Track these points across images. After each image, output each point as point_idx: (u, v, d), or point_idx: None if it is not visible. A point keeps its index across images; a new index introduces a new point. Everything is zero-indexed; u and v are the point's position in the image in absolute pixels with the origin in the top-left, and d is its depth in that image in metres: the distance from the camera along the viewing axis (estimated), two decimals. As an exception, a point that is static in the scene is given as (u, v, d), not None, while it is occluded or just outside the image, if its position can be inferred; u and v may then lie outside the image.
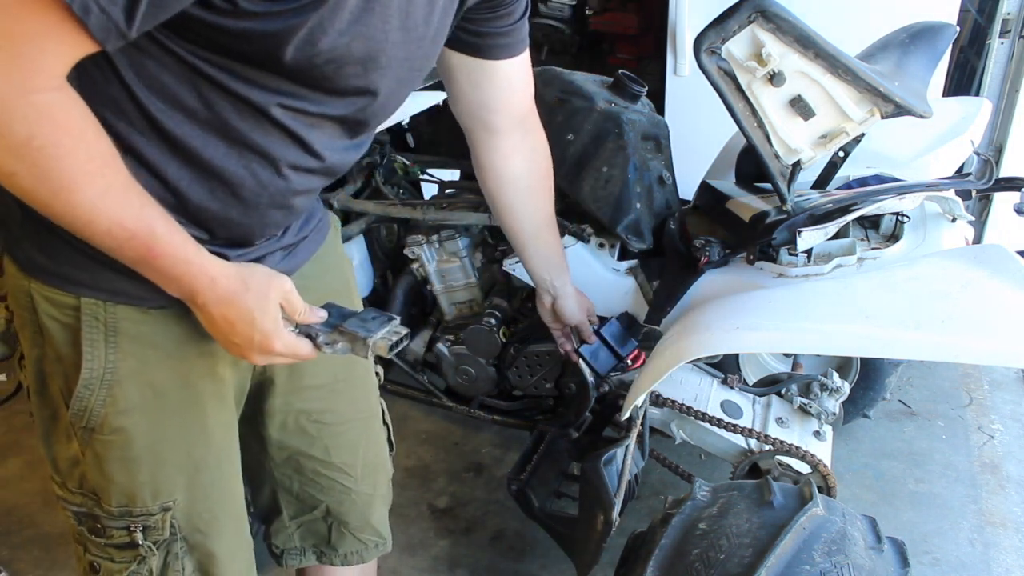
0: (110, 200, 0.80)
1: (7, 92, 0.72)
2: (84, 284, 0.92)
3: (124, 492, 1.01)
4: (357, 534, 1.34)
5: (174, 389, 1.00)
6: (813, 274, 1.54)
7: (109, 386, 0.96)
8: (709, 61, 1.36)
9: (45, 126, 0.74)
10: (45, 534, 2.17)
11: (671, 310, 1.67)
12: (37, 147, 0.74)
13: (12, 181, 0.77)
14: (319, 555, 1.35)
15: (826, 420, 1.79)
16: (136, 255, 0.84)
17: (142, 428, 0.99)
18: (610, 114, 1.67)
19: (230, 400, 1.10)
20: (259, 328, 0.91)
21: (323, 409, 1.23)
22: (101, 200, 0.79)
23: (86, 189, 0.78)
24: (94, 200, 0.79)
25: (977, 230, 2.64)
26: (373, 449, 1.34)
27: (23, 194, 0.78)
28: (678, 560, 1.25)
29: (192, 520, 1.06)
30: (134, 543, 1.03)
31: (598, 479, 1.51)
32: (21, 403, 2.71)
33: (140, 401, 0.98)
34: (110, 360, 0.95)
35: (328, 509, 1.31)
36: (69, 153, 0.76)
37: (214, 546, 1.09)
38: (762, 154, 1.43)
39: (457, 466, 2.36)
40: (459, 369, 1.99)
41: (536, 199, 1.43)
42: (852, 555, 1.18)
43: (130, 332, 0.95)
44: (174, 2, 0.74)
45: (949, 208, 1.68)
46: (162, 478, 1.03)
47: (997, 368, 2.67)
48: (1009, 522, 2.10)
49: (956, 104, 1.93)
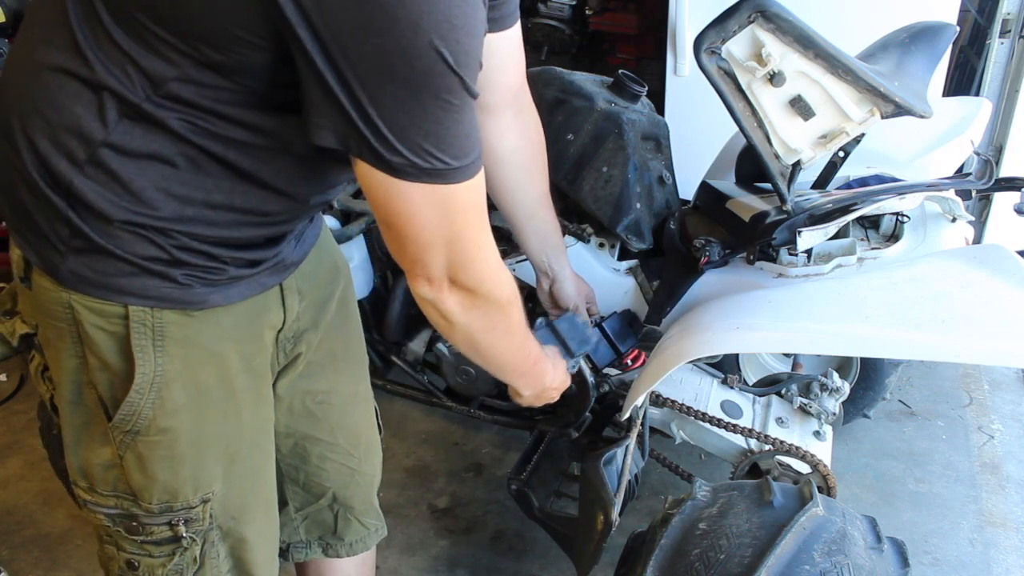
0: (524, 354, 1.17)
1: (499, 264, 0.98)
2: (132, 293, 0.94)
3: (167, 489, 1.03)
4: (362, 519, 1.37)
5: (215, 385, 1.02)
6: (813, 274, 1.54)
7: (158, 389, 0.97)
8: (709, 61, 1.36)
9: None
10: (45, 534, 2.17)
11: (671, 310, 1.67)
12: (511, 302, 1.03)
13: (492, 336, 1.05)
14: (324, 547, 1.38)
15: (826, 420, 1.79)
16: (534, 370, 1.21)
17: (187, 426, 1.01)
18: (610, 114, 1.67)
19: (266, 393, 1.13)
20: (557, 383, 1.31)
21: (327, 389, 1.25)
22: (520, 355, 1.16)
23: (515, 357, 1.16)
24: (517, 357, 1.16)
25: (977, 230, 2.64)
26: (371, 430, 1.38)
27: (494, 346, 1.09)
28: (678, 560, 1.25)
29: (227, 508, 1.09)
30: (176, 536, 1.05)
31: (598, 479, 1.52)
32: (21, 403, 2.72)
33: (185, 400, 1.00)
34: (159, 363, 0.97)
35: (335, 496, 1.33)
36: (513, 346, 1.12)
37: (245, 531, 1.11)
38: (762, 154, 1.43)
39: (457, 466, 2.36)
40: (459, 369, 1.99)
41: (531, 176, 1.41)
42: (852, 555, 1.18)
43: (176, 335, 0.97)
44: None
45: (949, 208, 1.68)
46: (202, 472, 1.04)
47: (997, 368, 2.67)
48: (1009, 522, 2.10)
49: (956, 104, 1.93)
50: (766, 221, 1.51)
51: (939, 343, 1.22)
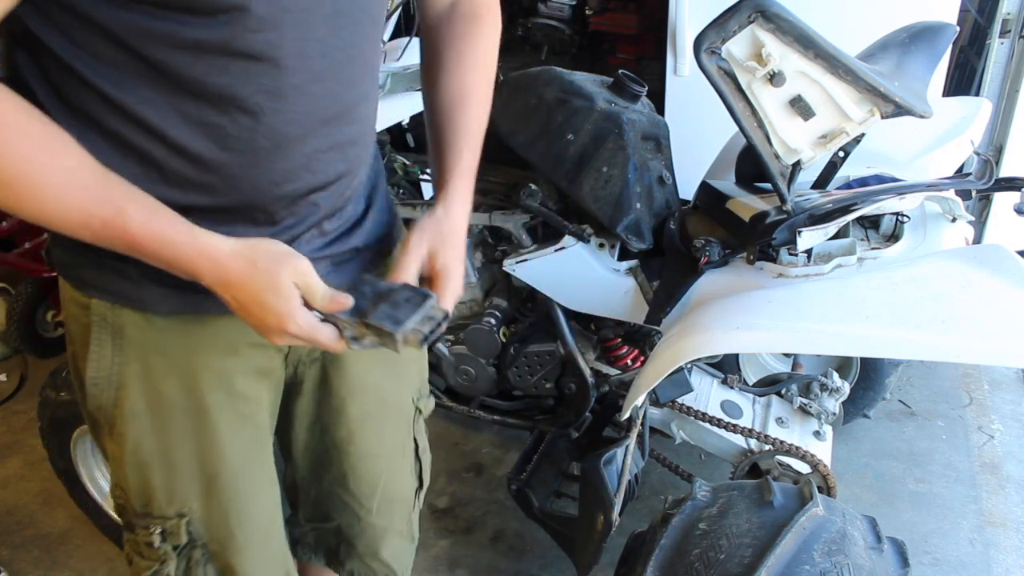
0: (74, 189, 0.75)
1: None
2: (94, 286, 0.92)
3: (141, 493, 1.02)
4: (365, 559, 1.30)
5: (181, 400, 0.98)
6: (813, 274, 1.54)
7: (116, 388, 0.96)
8: (709, 61, 1.36)
9: None
10: (45, 534, 2.17)
11: (671, 310, 1.67)
12: None
13: None
14: (328, 560, 1.34)
15: (826, 420, 1.79)
16: (122, 243, 0.79)
17: (149, 434, 0.99)
18: (610, 114, 1.67)
19: (257, 417, 1.05)
20: (272, 310, 0.83)
21: (347, 439, 1.18)
22: (66, 191, 0.75)
23: (47, 182, 0.74)
24: (59, 194, 0.75)
25: (977, 230, 2.64)
26: (395, 484, 1.27)
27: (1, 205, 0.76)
28: (678, 560, 1.25)
29: (211, 531, 1.05)
30: (152, 544, 1.04)
31: (598, 479, 1.52)
32: (21, 403, 2.72)
33: (146, 408, 0.97)
34: (116, 362, 0.95)
35: (339, 528, 1.27)
36: (13, 146, 0.72)
37: (234, 559, 1.07)
38: (762, 154, 1.43)
39: (457, 466, 2.36)
40: (459, 369, 1.99)
41: (470, 60, 1.07)
42: (852, 555, 1.18)
43: (135, 338, 0.94)
44: None
45: (949, 208, 1.68)
46: (176, 485, 1.02)
47: (997, 368, 2.67)
48: (1009, 522, 2.10)
49: (956, 104, 1.93)
50: (766, 221, 1.51)
51: (939, 343, 1.22)
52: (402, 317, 0.85)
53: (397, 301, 0.86)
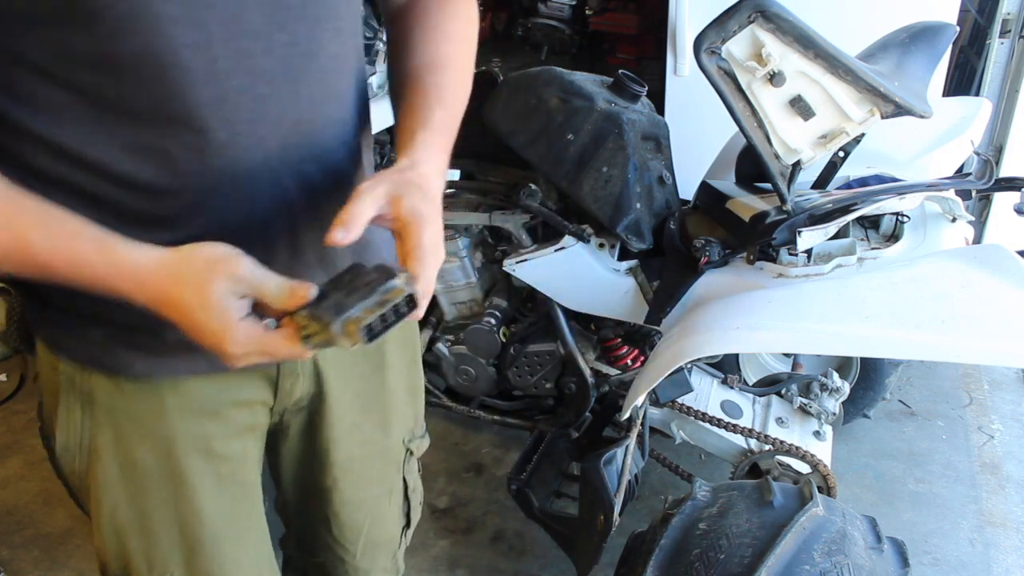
0: None
1: None
2: (60, 347, 0.86)
3: (119, 556, 0.96)
4: None
5: (156, 466, 0.92)
6: (813, 274, 1.54)
7: (87, 454, 0.91)
8: (709, 61, 1.36)
9: None
10: (45, 534, 2.17)
11: (671, 310, 1.67)
12: None
13: None
14: None
15: (826, 420, 1.79)
16: (39, 272, 0.71)
17: (125, 502, 0.93)
18: (610, 114, 1.67)
19: (240, 474, 0.99)
20: (206, 330, 0.71)
21: (331, 487, 1.12)
22: None
23: None
24: None
25: (977, 230, 2.64)
26: (381, 529, 1.21)
27: None
28: (678, 560, 1.25)
29: None
30: None
31: (598, 479, 1.52)
32: (21, 403, 2.72)
33: (120, 475, 0.91)
34: (86, 427, 0.89)
35: (324, 565, 1.22)
36: None
37: None
38: (762, 154, 1.43)
39: (457, 466, 2.36)
40: (459, 369, 1.99)
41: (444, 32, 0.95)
42: (852, 555, 1.18)
43: (105, 404, 0.88)
44: None
45: (949, 208, 1.68)
46: (156, 552, 0.96)
47: (997, 368, 2.67)
48: (1009, 522, 2.10)
49: (956, 104, 1.93)
50: (766, 221, 1.51)
51: (939, 343, 1.22)
52: (349, 304, 0.69)
53: (357, 286, 0.71)
